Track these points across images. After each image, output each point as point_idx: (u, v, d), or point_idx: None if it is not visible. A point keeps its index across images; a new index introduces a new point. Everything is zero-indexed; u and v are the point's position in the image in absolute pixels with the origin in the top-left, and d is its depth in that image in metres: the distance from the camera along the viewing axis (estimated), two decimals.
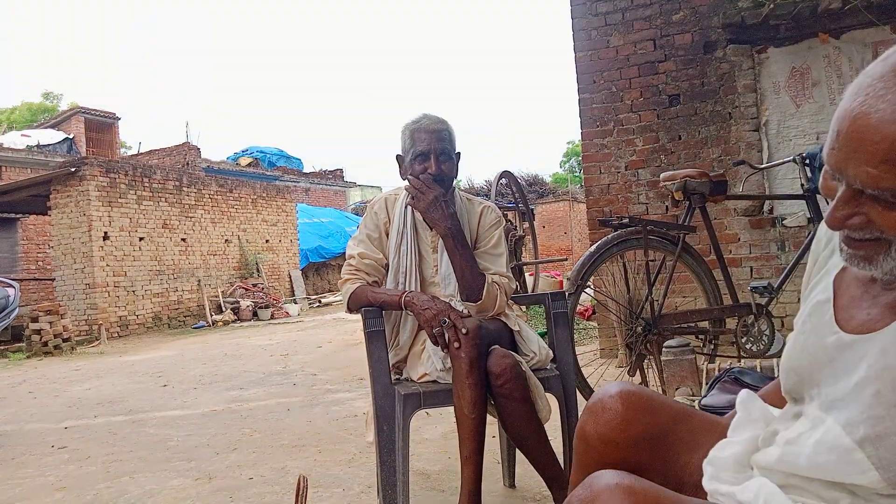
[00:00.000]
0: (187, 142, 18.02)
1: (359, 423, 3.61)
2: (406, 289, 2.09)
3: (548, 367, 2.09)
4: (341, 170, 24.66)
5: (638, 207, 4.95)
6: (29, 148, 15.91)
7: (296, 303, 13.93)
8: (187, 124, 39.30)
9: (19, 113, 29.13)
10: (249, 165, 20.48)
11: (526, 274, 5.88)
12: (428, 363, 2.00)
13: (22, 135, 17.43)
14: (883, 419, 0.75)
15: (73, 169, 10.74)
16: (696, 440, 0.97)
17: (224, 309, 12.65)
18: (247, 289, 13.37)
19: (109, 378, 6.29)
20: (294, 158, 22.64)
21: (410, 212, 2.16)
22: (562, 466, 1.92)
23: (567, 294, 2.78)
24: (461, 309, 1.95)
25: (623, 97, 5.03)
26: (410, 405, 1.92)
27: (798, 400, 0.90)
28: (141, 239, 11.59)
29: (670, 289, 3.32)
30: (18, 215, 14.02)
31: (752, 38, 4.59)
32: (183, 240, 12.55)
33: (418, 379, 2.02)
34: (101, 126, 18.97)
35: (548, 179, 27.47)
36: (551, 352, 2.13)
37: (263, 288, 13.68)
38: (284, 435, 3.53)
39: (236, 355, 7.39)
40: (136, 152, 20.32)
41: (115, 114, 19.59)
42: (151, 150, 18.57)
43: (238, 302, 12.81)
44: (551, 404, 1.98)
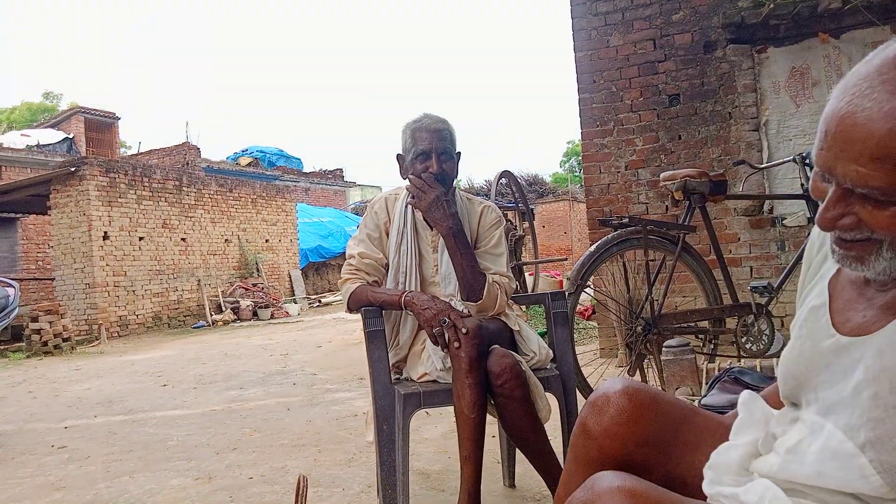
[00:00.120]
0: (187, 141, 18.01)
1: (359, 423, 3.61)
2: (406, 288, 2.08)
3: (548, 367, 2.09)
4: (341, 169, 24.67)
5: (638, 207, 4.95)
6: (29, 148, 15.92)
7: (296, 302, 13.93)
8: (187, 124, 39.26)
9: (19, 113, 29.13)
10: (249, 165, 20.48)
11: (526, 274, 5.88)
12: (428, 363, 2.00)
13: (22, 134, 17.43)
14: (882, 422, 0.74)
15: (73, 169, 10.74)
16: (700, 440, 0.97)
17: (224, 309, 12.66)
18: (247, 288, 13.37)
19: (109, 378, 6.29)
20: (294, 158, 22.64)
21: (411, 211, 2.16)
22: (562, 466, 1.92)
23: (567, 294, 2.78)
24: (461, 308, 1.95)
25: (623, 97, 5.03)
26: (410, 405, 1.92)
27: (796, 405, 0.90)
28: (141, 239, 11.59)
29: (670, 288, 3.32)
30: (18, 215, 14.02)
31: (752, 38, 4.60)
32: (183, 239, 12.55)
33: (418, 379, 2.02)
34: (101, 126, 18.97)
35: (548, 179, 27.48)
36: (551, 351, 2.13)
37: (263, 288, 13.68)
38: (284, 434, 3.53)
39: (236, 355, 7.39)
40: (136, 152, 20.32)
41: (115, 113, 19.59)
42: (151, 150, 18.57)
43: (238, 302, 12.81)
44: (551, 404, 1.98)
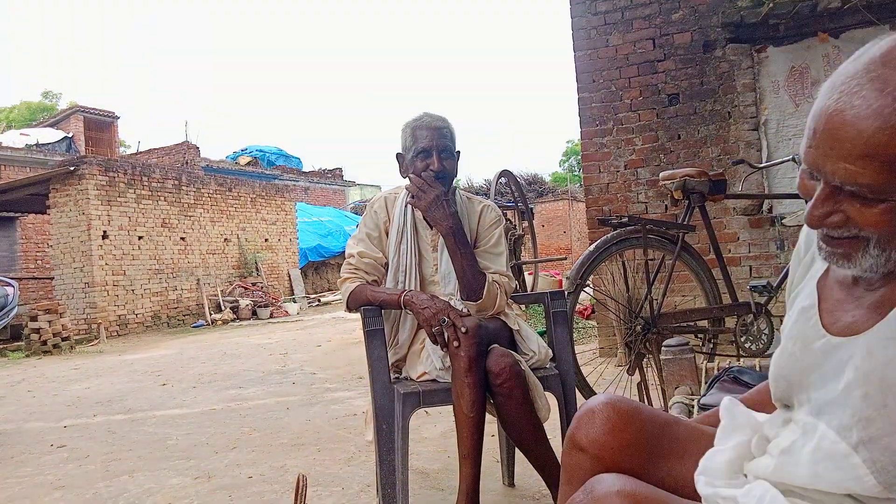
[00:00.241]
0: (186, 141, 18.00)
1: (358, 422, 3.61)
2: (406, 288, 2.08)
3: (547, 366, 2.09)
4: (340, 169, 24.66)
5: (637, 206, 4.95)
6: (28, 147, 15.91)
7: (295, 302, 13.92)
8: (186, 123, 39.17)
9: (18, 112, 29.10)
10: (248, 164, 20.47)
11: (525, 273, 5.88)
12: (427, 362, 2.00)
13: (21, 133, 17.42)
14: (874, 421, 0.75)
15: (72, 168, 10.73)
16: (684, 448, 0.98)
17: (223, 308, 12.65)
18: (246, 288, 13.36)
19: (108, 377, 6.29)
20: (293, 157, 22.63)
21: (410, 211, 2.16)
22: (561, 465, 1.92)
23: (566, 293, 2.78)
24: (461, 308, 1.95)
25: (622, 96, 5.03)
26: (410, 404, 1.92)
27: (788, 406, 0.90)
28: (140, 238, 11.58)
29: (669, 288, 3.32)
30: (17, 214, 14.01)
31: (752, 38, 4.59)
32: (182, 239, 12.54)
33: (417, 378, 2.02)
34: (101, 125, 18.96)
35: (547, 178, 27.45)
36: (550, 351, 2.13)
37: (263, 287, 13.68)
38: (283, 434, 3.53)
39: (235, 354, 7.39)
40: (136, 151, 20.30)
41: (115, 113, 19.59)
42: (151, 149, 18.54)
43: (237, 301, 12.81)
44: (550, 403, 1.98)
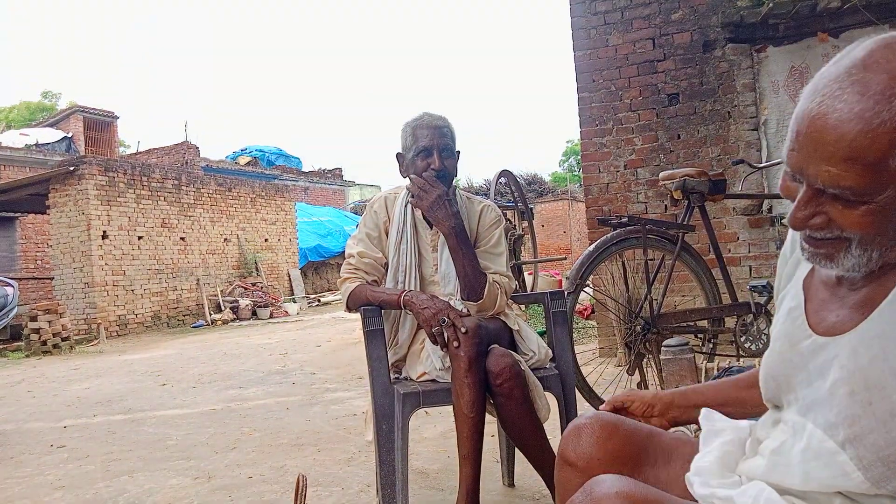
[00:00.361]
0: (186, 141, 18.00)
1: (358, 422, 3.61)
2: (405, 288, 2.08)
3: (547, 367, 2.09)
4: (340, 169, 24.65)
5: (637, 206, 4.95)
6: (27, 147, 15.90)
7: (295, 302, 13.92)
8: (186, 123, 39.21)
9: (18, 112, 29.08)
10: (248, 164, 20.47)
11: (525, 273, 5.88)
12: (427, 362, 2.00)
13: (21, 133, 17.42)
14: (859, 418, 0.76)
15: (72, 168, 10.72)
16: (669, 455, 1.01)
17: (223, 308, 12.65)
18: (246, 288, 13.36)
19: (108, 377, 6.28)
20: (293, 157, 22.63)
21: (410, 210, 2.16)
22: None
23: (566, 293, 2.78)
24: (460, 308, 1.95)
25: (622, 96, 5.03)
26: (409, 404, 1.92)
27: (778, 407, 0.91)
28: (140, 238, 11.57)
29: (669, 288, 3.32)
30: (17, 214, 14.01)
31: (751, 37, 4.59)
32: (182, 239, 12.54)
33: (417, 378, 2.02)
34: (100, 125, 18.95)
35: (547, 178, 27.44)
36: (550, 351, 2.13)
37: (262, 287, 13.67)
38: (283, 434, 3.53)
39: (235, 354, 7.39)
40: (135, 151, 20.30)
41: (114, 113, 19.58)
42: (150, 149, 18.55)
43: (237, 301, 12.80)
44: (550, 403, 1.98)
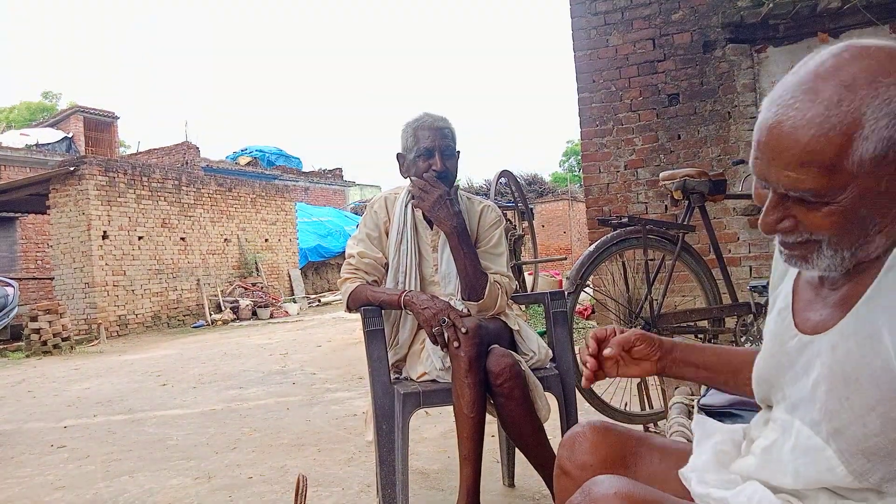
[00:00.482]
0: (186, 141, 17.98)
1: (358, 423, 3.61)
2: (406, 288, 2.08)
3: (547, 367, 2.09)
4: (340, 169, 24.65)
5: (637, 207, 4.95)
6: (28, 147, 15.90)
7: (295, 302, 13.92)
8: (186, 123, 39.32)
9: (18, 112, 29.09)
10: (248, 164, 20.47)
11: (525, 273, 5.87)
12: (427, 362, 2.00)
13: (21, 134, 17.41)
14: (839, 413, 0.78)
15: (72, 168, 10.72)
16: (661, 455, 1.06)
17: (223, 308, 12.65)
18: (246, 288, 13.36)
19: (109, 377, 6.29)
20: (293, 158, 22.63)
21: (410, 211, 2.16)
22: None
23: (566, 293, 2.78)
24: (461, 308, 1.95)
25: (622, 96, 5.03)
26: (410, 404, 1.92)
27: (770, 406, 0.94)
28: (140, 238, 11.58)
29: (669, 288, 3.32)
30: (17, 214, 14.01)
31: (752, 38, 4.60)
32: (182, 239, 12.54)
33: (417, 378, 2.02)
34: (100, 125, 18.95)
35: (547, 179, 27.44)
36: (550, 351, 2.13)
37: (263, 287, 13.67)
38: (284, 434, 3.53)
39: (235, 354, 7.39)
40: (136, 151, 20.30)
41: (114, 113, 19.58)
42: (150, 150, 18.54)
43: (237, 301, 12.80)
44: (550, 404, 1.98)
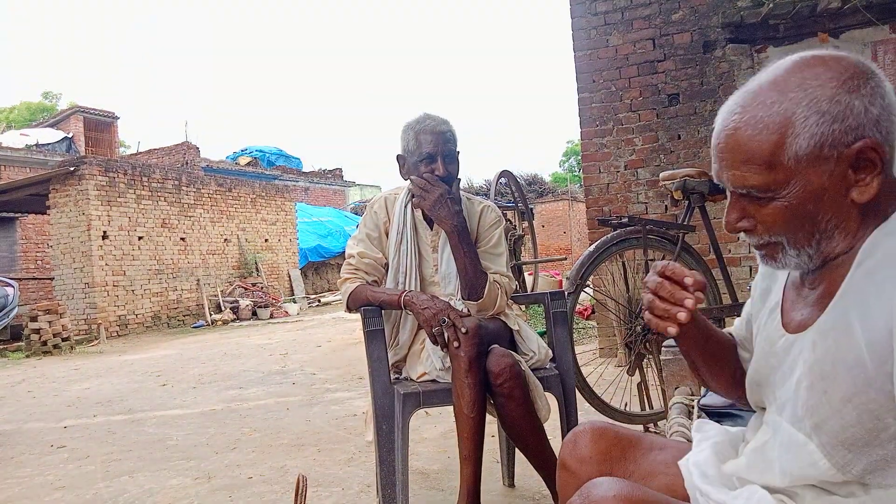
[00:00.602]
0: (186, 141, 17.97)
1: (358, 423, 3.61)
2: (406, 288, 2.08)
3: (547, 367, 2.09)
4: (340, 169, 24.64)
5: (637, 207, 4.95)
6: (28, 147, 15.90)
7: (295, 302, 13.91)
8: (186, 124, 39.28)
9: (18, 112, 29.09)
10: (248, 165, 20.47)
11: (525, 273, 5.87)
12: (427, 362, 2.00)
13: (21, 134, 17.41)
14: (818, 407, 0.81)
15: (72, 168, 10.72)
16: (657, 451, 1.09)
17: (223, 308, 12.65)
18: (246, 288, 13.36)
19: (108, 377, 6.29)
20: (293, 158, 22.62)
21: (410, 211, 2.16)
22: None
23: (566, 293, 2.78)
24: (461, 308, 1.95)
25: (622, 96, 5.03)
26: (410, 404, 1.92)
27: (763, 409, 0.96)
28: (140, 238, 11.58)
29: None
30: (17, 214, 14.00)
31: (752, 38, 4.59)
32: (182, 239, 12.54)
33: (417, 378, 2.02)
34: (100, 125, 18.95)
35: (547, 179, 27.43)
36: (550, 351, 2.13)
37: (263, 287, 13.67)
38: (284, 434, 3.53)
39: (235, 354, 7.39)
40: (136, 151, 20.29)
41: (114, 113, 19.57)
42: (150, 150, 18.53)
43: (237, 301, 12.80)
44: (550, 404, 1.98)
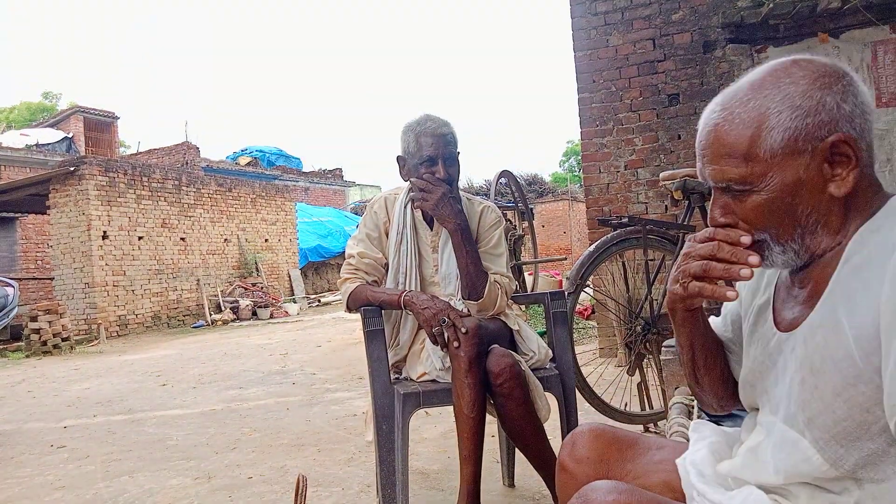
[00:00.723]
0: (186, 141, 17.97)
1: (358, 423, 3.61)
2: (406, 288, 2.08)
3: (547, 367, 2.09)
4: (340, 169, 24.64)
5: (637, 207, 4.95)
6: (28, 147, 15.90)
7: (295, 302, 13.91)
8: (186, 124, 39.25)
9: (18, 112, 29.08)
10: (248, 165, 20.47)
11: (525, 273, 5.87)
12: (427, 362, 2.00)
13: (21, 134, 17.41)
14: (810, 403, 0.82)
15: (72, 168, 10.72)
16: (655, 450, 1.11)
17: (223, 308, 12.64)
18: (246, 288, 13.36)
19: (108, 377, 6.28)
20: (293, 158, 22.62)
21: (410, 211, 2.16)
22: None
23: (566, 293, 2.78)
24: (461, 308, 1.95)
25: (622, 96, 5.03)
26: (410, 404, 1.92)
27: (757, 410, 0.97)
28: (140, 238, 11.57)
29: None
30: (17, 214, 14.00)
31: (752, 38, 4.59)
32: (182, 239, 12.54)
33: (417, 378, 2.03)
34: (100, 125, 18.95)
35: (547, 179, 27.43)
36: (550, 351, 2.13)
37: (263, 287, 13.67)
38: (284, 434, 3.53)
39: (235, 354, 7.39)
40: (136, 151, 20.28)
41: (115, 113, 19.58)
42: (151, 150, 18.52)
43: (237, 301, 12.80)
44: (550, 404, 1.98)
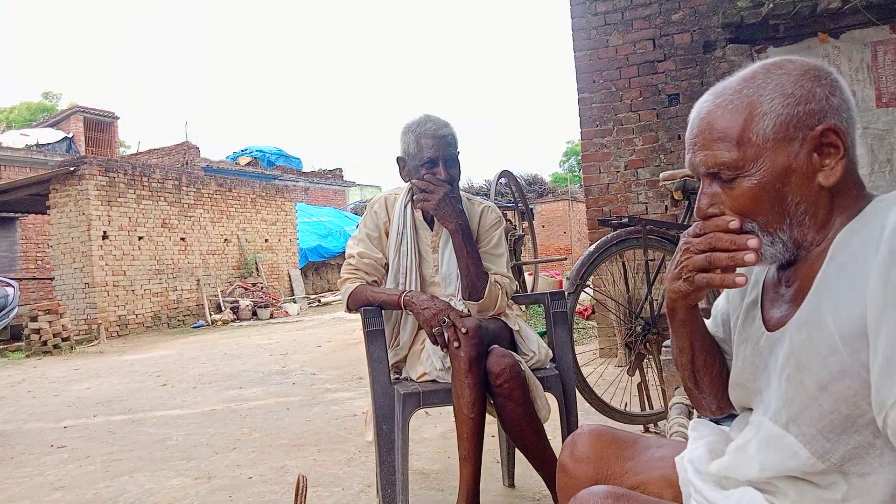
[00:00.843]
0: (186, 141, 17.97)
1: (358, 423, 3.61)
2: (406, 289, 2.08)
3: (547, 367, 2.09)
4: (340, 169, 24.64)
5: (637, 207, 4.96)
6: (28, 147, 15.90)
7: (295, 302, 13.92)
8: (186, 124, 39.25)
9: (18, 112, 29.08)
10: (249, 165, 20.47)
11: (525, 273, 5.87)
12: (427, 362, 2.00)
13: (21, 134, 17.41)
14: (796, 397, 0.82)
15: (72, 168, 10.73)
16: (651, 447, 1.12)
17: (223, 308, 12.65)
18: (246, 288, 13.36)
19: (108, 377, 6.29)
20: (293, 158, 22.62)
21: (410, 211, 2.16)
22: None
23: (566, 293, 2.78)
24: (461, 308, 1.95)
25: (622, 97, 5.03)
26: (410, 404, 1.92)
27: (749, 410, 0.97)
28: (140, 238, 11.58)
29: None
30: (17, 214, 14.01)
31: (752, 38, 4.59)
32: (182, 239, 12.54)
33: (417, 378, 2.03)
34: (100, 125, 18.95)
35: (547, 179, 27.45)
36: (551, 351, 2.13)
37: (263, 287, 13.67)
38: (284, 434, 3.53)
39: (235, 355, 7.39)
40: (136, 151, 20.29)
41: (115, 113, 19.58)
42: (151, 150, 18.53)
43: (237, 301, 12.80)
44: (550, 404, 1.98)
